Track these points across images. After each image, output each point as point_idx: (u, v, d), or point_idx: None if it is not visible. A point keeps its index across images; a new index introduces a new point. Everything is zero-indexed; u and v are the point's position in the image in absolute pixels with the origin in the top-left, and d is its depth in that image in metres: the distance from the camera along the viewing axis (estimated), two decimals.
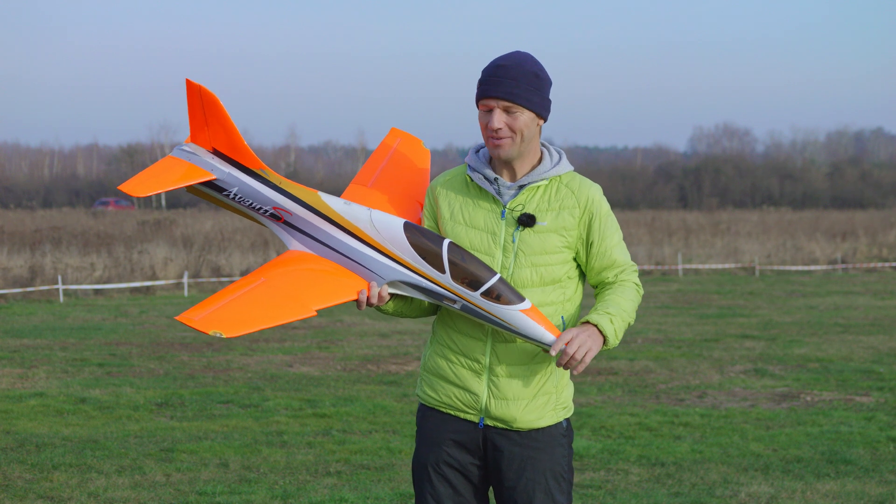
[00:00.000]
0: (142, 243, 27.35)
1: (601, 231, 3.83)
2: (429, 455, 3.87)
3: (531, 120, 3.77)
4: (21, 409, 10.27)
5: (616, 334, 3.72)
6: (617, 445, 8.73)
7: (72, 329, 16.96)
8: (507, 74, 3.74)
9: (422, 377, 3.95)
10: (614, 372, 12.53)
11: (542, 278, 3.78)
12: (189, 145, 3.91)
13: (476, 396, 3.80)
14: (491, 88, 3.75)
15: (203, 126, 3.87)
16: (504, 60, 3.77)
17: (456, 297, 3.73)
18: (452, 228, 3.85)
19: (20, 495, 7.31)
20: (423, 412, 3.93)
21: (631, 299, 3.81)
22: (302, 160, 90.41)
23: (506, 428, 3.80)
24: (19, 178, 76.15)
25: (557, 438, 3.84)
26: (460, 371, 3.83)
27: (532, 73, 3.76)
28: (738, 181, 65.54)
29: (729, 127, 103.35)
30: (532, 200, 3.81)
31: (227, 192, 3.89)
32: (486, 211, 3.84)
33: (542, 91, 3.79)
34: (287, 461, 8.27)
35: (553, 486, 3.81)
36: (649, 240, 33.56)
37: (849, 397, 10.87)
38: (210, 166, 3.86)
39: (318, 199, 3.88)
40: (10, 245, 25.53)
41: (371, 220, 3.83)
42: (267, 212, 3.91)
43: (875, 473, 7.94)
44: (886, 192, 62.82)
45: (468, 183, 3.89)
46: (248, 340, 15.36)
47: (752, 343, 15.15)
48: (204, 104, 3.81)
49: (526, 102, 3.74)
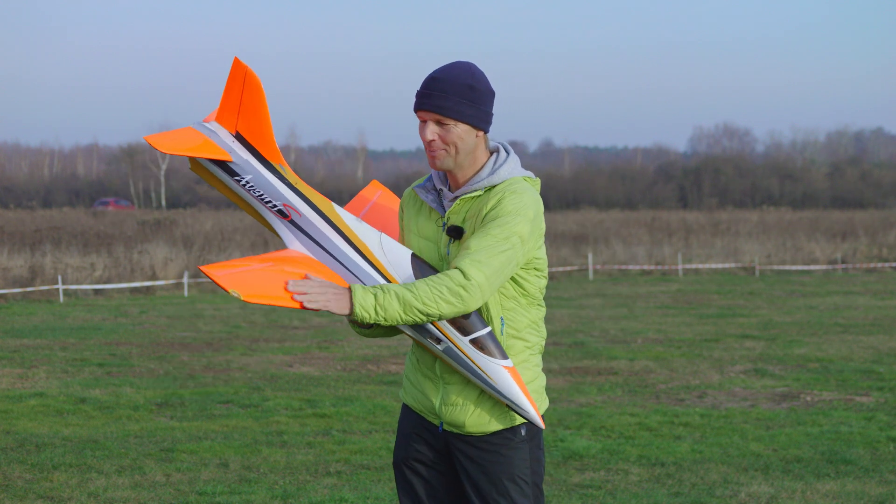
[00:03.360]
0: (142, 243, 27.35)
1: (485, 220, 3.70)
2: (401, 452, 3.95)
3: (466, 132, 3.74)
4: (21, 409, 10.27)
5: (374, 309, 3.53)
6: (617, 445, 8.73)
7: (72, 329, 16.96)
8: (438, 87, 3.72)
9: (403, 378, 4.04)
10: (614, 372, 12.53)
11: None
12: (212, 123, 3.84)
13: (432, 402, 3.86)
14: (421, 101, 3.75)
15: (235, 108, 3.79)
16: (438, 73, 3.75)
17: (443, 338, 3.71)
18: (408, 238, 3.90)
19: (20, 495, 7.31)
20: (402, 411, 4.02)
21: (434, 287, 3.57)
22: (302, 160, 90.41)
23: (460, 433, 3.84)
24: (19, 178, 76.16)
25: (514, 443, 3.83)
26: (421, 377, 3.89)
27: (466, 86, 3.72)
28: (738, 181, 65.55)
29: (729, 127, 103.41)
30: (461, 211, 3.80)
31: (238, 177, 3.82)
32: (433, 223, 3.86)
33: (478, 103, 3.74)
34: (287, 461, 8.27)
35: (511, 487, 3.82)
36: (649, 240, 33.56)
37: (849, 397, 10.87)
38: (229, 148, 3.80)
39: (332, 209, 3.86)
40: (10, 245, 25.52)
41: (381, 242, 3.82)
42: (275, 207, 3.85)
43: (875, 473, 7.93)
44: (886, 192, 62.83)
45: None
46: (249, 340, 15.37)
47: (752, 343, 15.14)
48: (245, 87, 3.74)
49: (456, 115, 3.71)
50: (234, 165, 3.82)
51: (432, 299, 3.57)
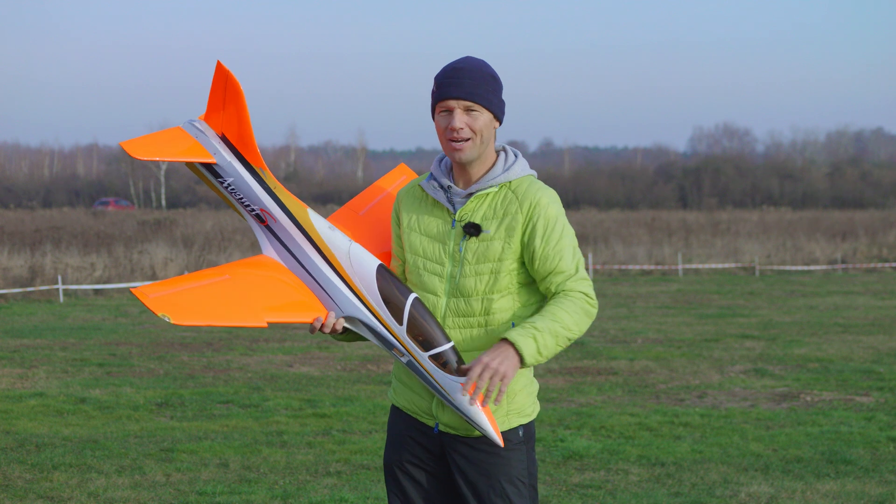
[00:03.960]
0: (142, 243, 27.37)
1: (545, 236, 3.75)
2: (393, 455, 3.91)
3: (489, 121, 3.78)
4: (21, 409, 10.27)
5: (538, 352, 3.61)
6: (617, 445, 8.73)
7: (72, 329, 16.96)
8: (467, 75, 3.75)
9: (392, 380, 4.00)
10: (614, 372, 12.53)
11: (486, 286, 3.76)
12: (201, 123, 3.87)
13: (428, 403, 3.84)
14: (452, 90, 3.74)
15: (219, 110, 3.82)
16: (460, 64, 3.78)
17: (405, 351, 3.73)
18: (409, 237, 3.87)
19: (20, 495, 7.31)
20: (392, 413, 3.98)
21: (573, 312, 3.68)
22: (302, 160, 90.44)
23: (457, 434, 3.82)
24: (19, 178, 76.19)
25: (512, 444, 3.82)
26: (414, 378, 3.86)
27: (489, 76, 3.78)
28: (738, 181, 65.52)
29: (729, 127, 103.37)
30: (479, 209, 3.80)
31: (222, 179, 3.86)
32: (440, 220, 3.84)
33: (499, 94, 3.81)
34: (287, 461, 8.27)
35: (510, 489, 3.81)
36: (649, 240, 33.56)
37: (849, 397, 10.87)
38: (214, 149, 3.82)
39: (305, 216, 3.86)
40: (10, 245, 25.54)
41: (349, 253, 3.83)
42: (253, 211, 3.88)
43: (875, 473, 7.93)
44: (886, 192, 62.76)
45: (424, 192, 3.90)
46: (249, 340, 15.36)
47: (752, 343, 15.14)
48: (227, 90, 3.77)
49: (486, 102, 3.75)
50: (217, 167, 3.84)
51: (576, 324, 3.69)
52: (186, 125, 3.88)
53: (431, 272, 3.82)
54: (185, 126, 3.88)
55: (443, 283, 3.80)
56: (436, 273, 3.81)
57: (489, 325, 3.77)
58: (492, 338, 3.75)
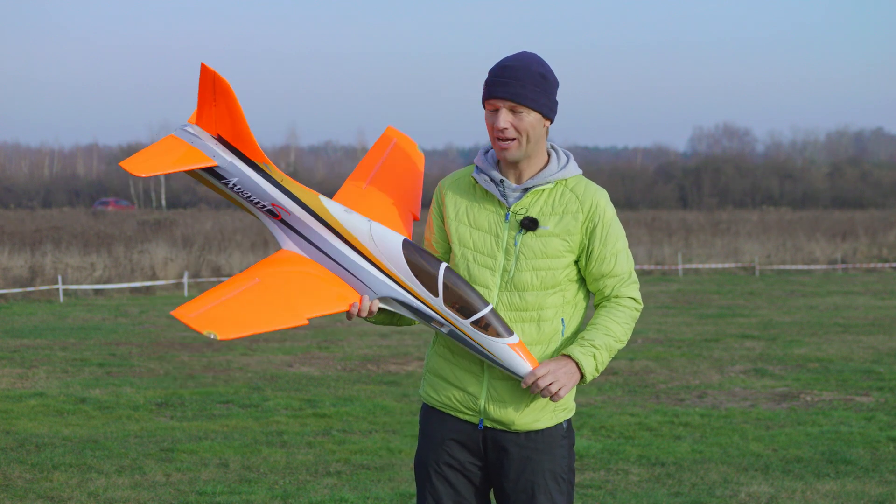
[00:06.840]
0: (142, 243, 27.35)
1: (603, 238, 3.81)
2: (429, 455, 3.86)
3: (537, 121, 3.76)
4: (21, 409, 10.27)
5: (596, 369, 3.75)
6: (617, 445, 8.73)
7: (72, 329, 16.96)
8: (513, 75, 3.73)
9: (424, 377, 3.95)
10: (614, 372, 12.53)
11: (542, 282, 3.76)
12: (193, 127, 3.82)
13: (474, 398, 3.80)
14: (497, 89, 3.74)
15: (211, 111, 3.78)
16: (510, 61, 3.76)
17: (444, 322, 3.71)
18: (457, 228, 3.84)
19: (20, 495, 7.31)
20: (426, 412, 3.92)
21: (624, 322, 3.80)
22: (302, 160, 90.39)
23: (505, 430, 3.80)
24: (19, 178, 76.14)
25: (557, 440, 3.84)
26: (459, 373, 3.82)
27: (538, 74, 3.75)
28: (738, 181, 65.50)
29: (729, 127, 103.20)
30: (536, 204, 3.80)
31: (226, 180, 3.82)
32: (491, 213, 3.82)
33: (549, 92, 3.77)
34: (287, 461, 8.27)
35: (552, 486, 3.80)
36: (649, 240, 33.55)
37: (849, 397, 10.87)
38: (212, 152, 3.78)
39: (319, 203, 3.83)
40: (10, 245, 25.52)
41: (371, 233, 3.80)
42: (264, 207, 3.84)
43: (875, 473, 7.93)
44: (886, 192, 62.73)
45: (474, 184, 3.88)
46: (249, 340, 15.36)
47: (752, 343, 15.15)
48: (216, 91, 3.73)
49: (531, 103, 3.72)
50: (219, 169, 3.80)
51: (625, 334, 3.81)
52: (179, 132, 3.83)
53: (482, 265, 3.80)
54: (178, 133, 3.83)
55: (495, 276, 3.79)
56: (487, 266, 3.80)
57: (542, 319, 3.77)
58: (542, 333, 3.76)
